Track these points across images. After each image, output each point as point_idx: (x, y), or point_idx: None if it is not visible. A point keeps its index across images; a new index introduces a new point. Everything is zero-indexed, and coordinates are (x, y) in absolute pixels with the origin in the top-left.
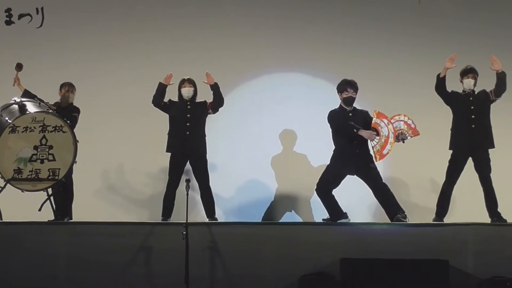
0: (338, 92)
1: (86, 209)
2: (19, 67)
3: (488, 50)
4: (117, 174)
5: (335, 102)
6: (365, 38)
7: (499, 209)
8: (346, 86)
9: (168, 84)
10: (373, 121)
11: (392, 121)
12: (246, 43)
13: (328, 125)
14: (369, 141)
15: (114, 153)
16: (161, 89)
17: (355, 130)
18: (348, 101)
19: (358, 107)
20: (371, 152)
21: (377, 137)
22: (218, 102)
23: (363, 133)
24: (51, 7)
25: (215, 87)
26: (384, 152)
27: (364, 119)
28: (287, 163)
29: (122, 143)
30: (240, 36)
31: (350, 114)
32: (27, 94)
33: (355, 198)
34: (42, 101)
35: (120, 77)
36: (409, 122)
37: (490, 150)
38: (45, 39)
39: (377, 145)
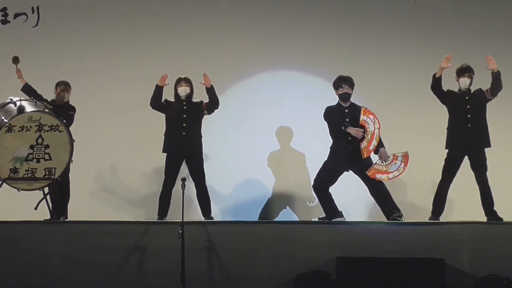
0: (334, 88)
1: (82, 208)
2: (15, 60)
3: (484, 48)
4: (113, 173)
5: (332, 99)
6: (361, 36)
7: (495, 208)
8: (341, 82)
9: (164, 85)
10: (360, 119)
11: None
12: (242, 41)
13: (325, 122)
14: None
15: (110, 152)
16: (158, 91)
17: (342, 128)
18: (344, 97)
19: (357, 104)
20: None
21: (364, 134)
22: (213, 104)
23: (351, 130)
24: (47, 6)
25: (211, 91)
26: (370, 148)
27: (359, 115)
28: (283, 160)
29: (118, 142)
30: (236, 34)
31: (346, 110)
32: (27, 88)
33: (352, 196)
34: (42, 97)
35: (116, 76)
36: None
37: (486, 149)
38: (40, 38)
39: (364, 142)
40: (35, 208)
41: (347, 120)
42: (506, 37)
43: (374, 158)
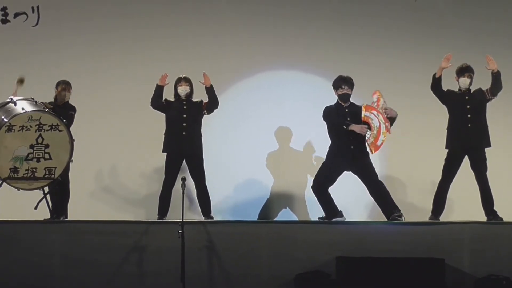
0: (333, 88)
1: (82, 207)
2: (21, 82)
3: (484, 48)
4: (113, 173)
5: (331, 99)
6: (361, 36)
7: (495, 208)
8: (341, 83)
9: (164, 84)
10: (362, 115)
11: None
12: (242, 41)
13: (324, 122)
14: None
15: (110, 152)
16: (159, 91)
17: (344, 127)
18: (344, 97)
19: (357, 104)
20: (366, 146)
21: (369, 130)
22: (213, 104)
23: (354, 127)
24: (47, 6)
25: (210, 91)
26: (378, 143)
27: (360, 114)
28: (283, 160)
29: (118, 141)
30: (236, 34)
31: (347, 110)
32: None
33: (351, 196)
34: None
35: (116, 75)
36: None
37: (486, 149)
38: (40, 37)
39: (370, 138)
40: (35, 208)
41: (348, 119)
42: (506, 37)
43: (374, 158)
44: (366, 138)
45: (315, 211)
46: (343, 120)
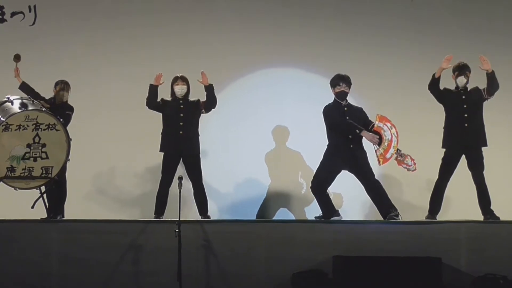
0: (331, 86)
1: (79, 207)
2: (17, 58)
3: (482, 46)
4: (110, 173)
5: (329, 97)
6: (360, 34)
7: (492, 207)
8: (339, 81)
9: (159, 84)
10: (375, 125)
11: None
12: (240, 39)
13: (322, 120)
14: (371, 143)
15: (107, 151)
16: (153, 90)
17: (357, 131)
18: (341, 95)
19: (353, 103)
20: (375, 156)
21: (380, 141)
22: (211, 103)
23: (366, 135)
24: (44, 5)
25: (209, 89)
26: (387, 156)
27: (359, 116)
28: (280, 159)
29: (115, 141)
30: (234, 31)
31: (346, 109)
32: (24, 86)
33: (348, 195)
34: (39, 95)
35: (113, 75)
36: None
37: (483, 148)
38: (37, 36)
39: (380, 149)
40: (32, 207)
41: (347, 118)
42: (504, 35)
43: (372, 157)
44: (376, 148)
45: (312, 211)
46: (351, 123)
